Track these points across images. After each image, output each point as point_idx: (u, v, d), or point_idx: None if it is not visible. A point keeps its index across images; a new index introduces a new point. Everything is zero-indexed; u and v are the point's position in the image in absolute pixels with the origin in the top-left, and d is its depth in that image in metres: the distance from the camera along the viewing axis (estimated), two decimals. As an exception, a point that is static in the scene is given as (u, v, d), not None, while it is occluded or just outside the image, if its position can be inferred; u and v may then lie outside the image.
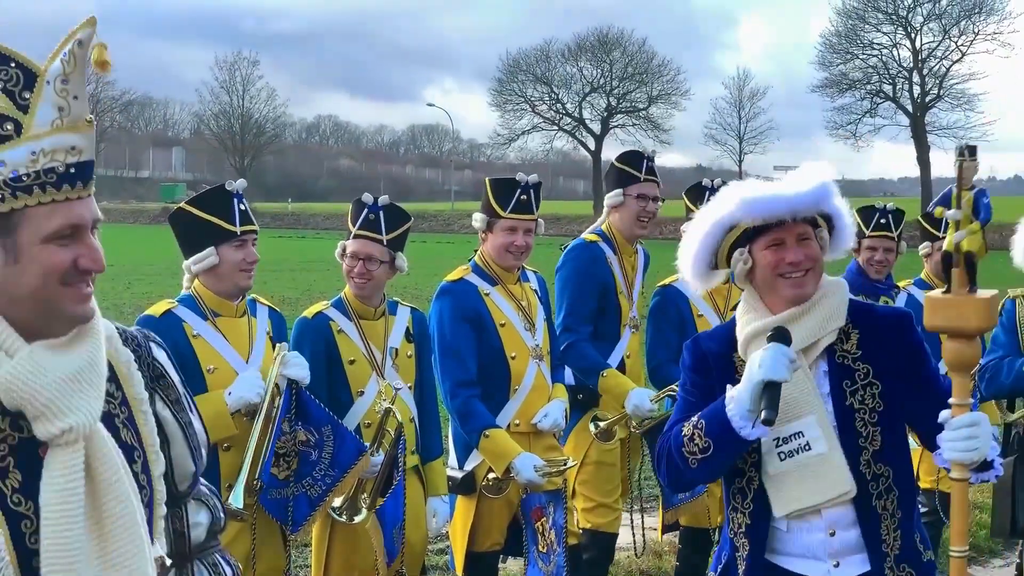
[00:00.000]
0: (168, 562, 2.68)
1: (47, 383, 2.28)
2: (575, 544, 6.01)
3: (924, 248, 7.75)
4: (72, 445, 2.30)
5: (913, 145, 77.38)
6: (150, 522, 2.50)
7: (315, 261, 39.91)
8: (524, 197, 5.83)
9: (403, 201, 5.52)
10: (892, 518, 3.73)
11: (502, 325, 5.80)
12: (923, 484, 7.50)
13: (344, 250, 5.47)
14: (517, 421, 5.79)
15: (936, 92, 77.67)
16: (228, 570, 3.10)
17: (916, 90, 77.94)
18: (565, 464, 5.83)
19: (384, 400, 5.32)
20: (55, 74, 2.28)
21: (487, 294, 5.81)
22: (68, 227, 2.30)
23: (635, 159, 6.79)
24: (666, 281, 6.69)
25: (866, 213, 7.61)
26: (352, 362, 5.38)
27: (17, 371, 2.26)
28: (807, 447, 3.67)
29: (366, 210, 5.42)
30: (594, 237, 6.67)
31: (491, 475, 5.67)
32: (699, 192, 6.79)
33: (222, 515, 3.13)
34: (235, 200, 4.97)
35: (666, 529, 6.84)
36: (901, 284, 7.72)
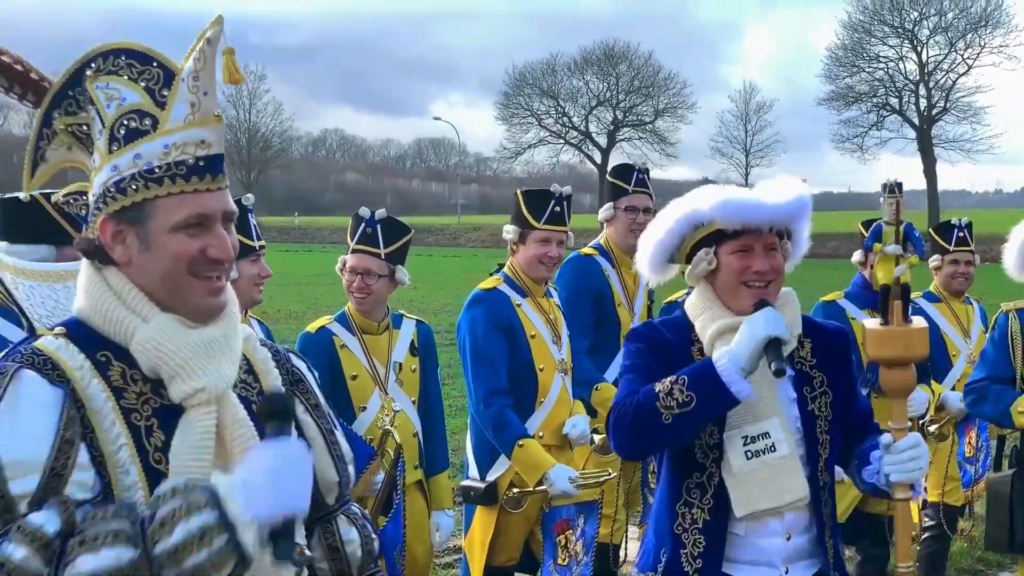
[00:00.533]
0: (307, 552, 2.71)
1: (180, 346, 2.44)
2: None
3: (934, 261, 7.77)
4: (204, 406, 2.45)
5: (919, 158, 77.37)
6: None
7: (321, 275, 39.88)
8: (557, 208, 5.84)
9: (409, 215, 5.56)
10: (830, 526, 3.83)
11: (532, 337, 5.80)
12: (930, 498, 7.50)
13: (344, 264, 5.47)
14: (541, 433, 5.77)
15: (942, 105, 77.73)
16: None
17: (922, 103, 77.99)
18: (603, 475, 5.81)
19: (386, 416, 5.33)
20: (188, 72, 2.46)
21: (519, 305, 5.82)
22: (196, 217, 2.44)
23: (625, 172, 6.87)
24: (672, 297, 6.71)
25: (943, 230, 7.75)
26: (355, 377, 5.36)
27: (153, 333, 2.43)
28: (773, 448, 3.68)
29: (363, 224, 5.41)
30: (590, 251, 6.76)
31: (513, 490, 5.64)
32: None
33: (374, 537, 3.02)
34: (250, 214, 4.97)
35: None
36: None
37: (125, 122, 2.44)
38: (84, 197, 2.56)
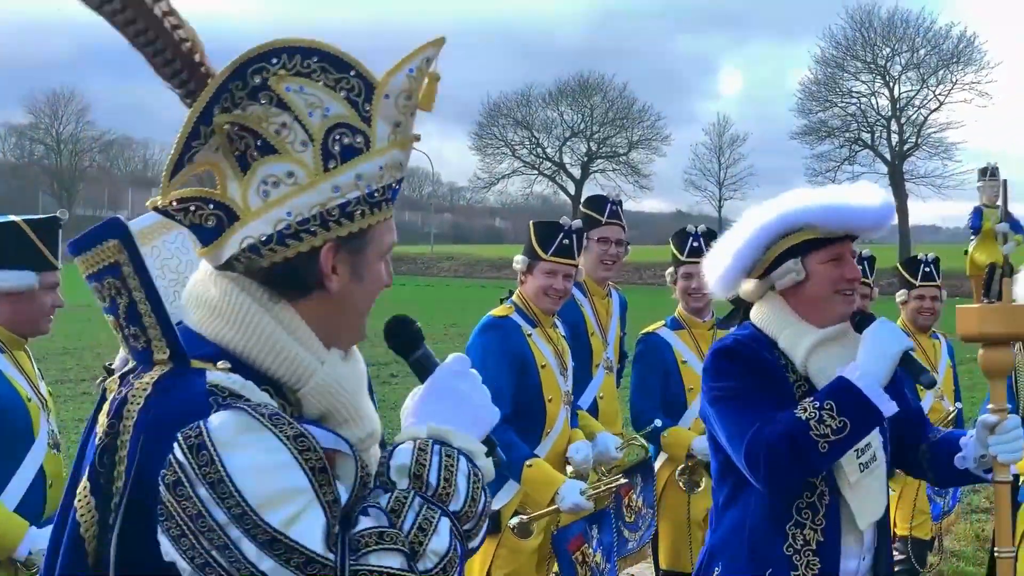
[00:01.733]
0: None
1: (351, 389, 2.30)
2: None
3: (900, 296, 7.87)
4: (368, 452, 2.32)
5: (891, 192, 77.77)
6: None
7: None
8: (566, 241, 5.83)
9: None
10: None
11: (543, 367, 5.80)
12: (899, 531, 7.53)
13: None
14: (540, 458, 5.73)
15: (914, 140, 78.17)
16: None
17: (894, 138, 78.44)
18: (613, 483, 5.80)
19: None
20: (397, 89, 2.26)
21: (529, 335, 5.82)
22: (393, 244, 2.34)
23: (599, 203, 6.89)
24: (649, 328, 6.75)
25: (911, 265, 7.82)
26: None
27: (332, 377, 2.25)
28: (874, 458, 3.67)
29: None
30: None
31: (514, 520, 5.58)
32: (683, 238, 6.80)
33: None
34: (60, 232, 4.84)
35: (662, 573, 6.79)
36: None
37: (338, 137, 2.22)
38: (210, 207, 2.23)
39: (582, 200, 7.13)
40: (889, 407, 3.44)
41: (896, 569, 7.64)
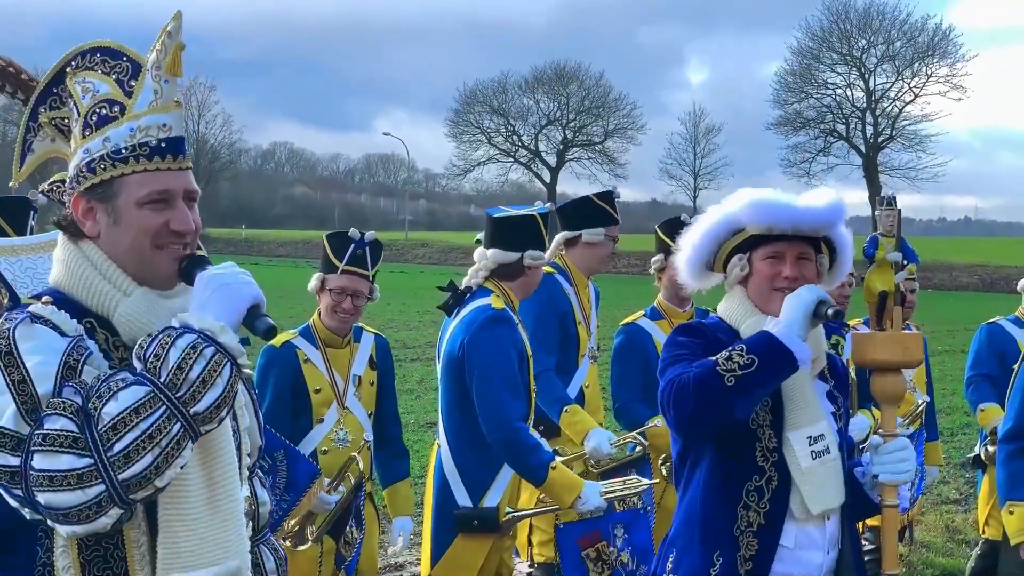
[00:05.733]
0: (252, 505, 3.03)
1: (159, 318, 2.67)
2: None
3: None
4: None
5: (865, 184, 78.07)
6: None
7: (269, 288, 39.68)
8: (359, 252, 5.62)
9: (357, 230, 5.52)
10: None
11: (529, 358, 5.74)
12: (869, 521, 7.55)
13: (322, 284, 5.47)
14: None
15: (889, 133, 78.52)
16: (282, 553, 3.27)
17: (869, 130, 78.75)
18: (637, 485, 5.72)
19: (341, 429, 5.42)
20: (152, 63, 2.73)
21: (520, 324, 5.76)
22: (159, 193, 2.70)
23: (612, 200, 6.83)
24: (629, 319, 6.75)
25: None
26: (318, 391, 5.42)
27: (134, 307, 2.70)
28: (827, 450, 3.73)
29: (353, 245, 5.42)
30: (550, 269, 6.60)
31: (511, 514, 5.55)
32: (677, 226, 6.72)
33: (273, 501, 3.35)
34: (33, 214, 4.83)
35: None
36: (851, 323, 7.80)
37: (97, 110, 2.72)
38: (63, 185, 2.86)
39: (594, 193, 6.94)
40: (802, 349, 3.51)
41: (868, 559, 7.69)
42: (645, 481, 5.76)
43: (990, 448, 7.15)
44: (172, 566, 2.58)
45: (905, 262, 3.85)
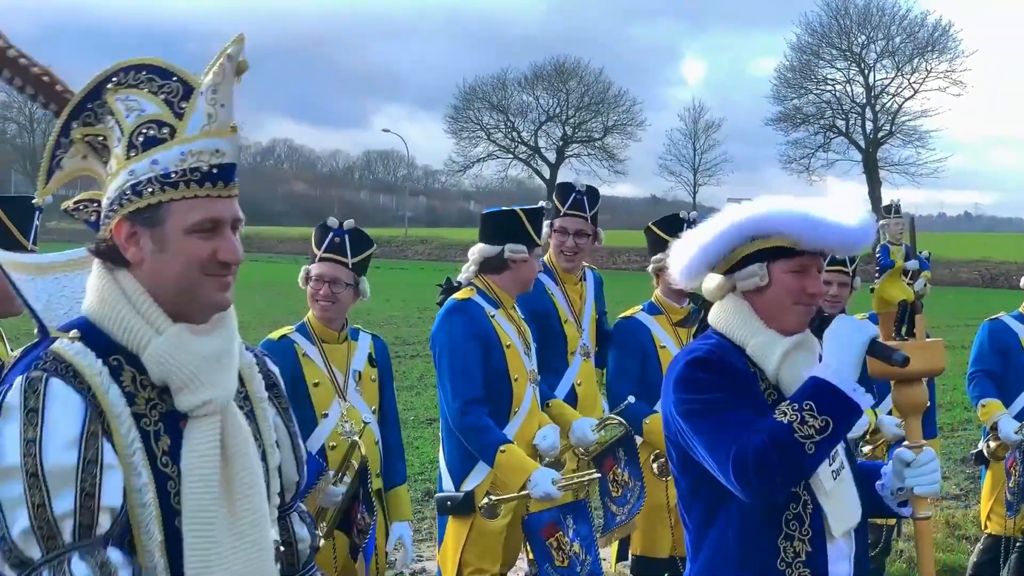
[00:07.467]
0: (281, 548, 2.97)
1: (190, 359, 2.59)
2: None
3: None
4: (210, 417, 2.62)
5: (865, 180, 78.03)
6: None
7: (269, 285, 39.71)
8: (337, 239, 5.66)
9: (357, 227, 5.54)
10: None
11: (508, 347, 5.81)
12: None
13: (308, 274, 5.51)
14: (514, 443, 5.71)
15: (888, 128, 78.49)
16: None
17: (869, 126, 78.72)
18: (586, 476, 5.85)
19: (347, 423, 5.41)
20: (208, 85, 2.61)
21: (492, 315, 5.83)
22: (208, 221, 2.60)
23: (563, 192, 6.80)
24: (627, 313, 6.72)
25: None
26: (316, 384, 5.43)
27: (166, 346, 2.59)
28: (843, 465, 3.61)
29: (331, 234, 5.47)
30: None
31: (486, 499, 5.60)
32: (675, 224, 6.70)
33: (318, 535, 3.31)
34: (37, 215, 4.86)
35: (620, 558, 6.79)
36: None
37: (144, 131, 2.58)
38: (95, 204, 2.73)
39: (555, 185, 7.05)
40: (866, 400, 3.38)
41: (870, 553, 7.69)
42: (595, 473, 5.98)
43: (992, 444, 7.14)
44: None
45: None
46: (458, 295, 5.87)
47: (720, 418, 3.45)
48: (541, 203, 6.18)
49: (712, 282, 3.71)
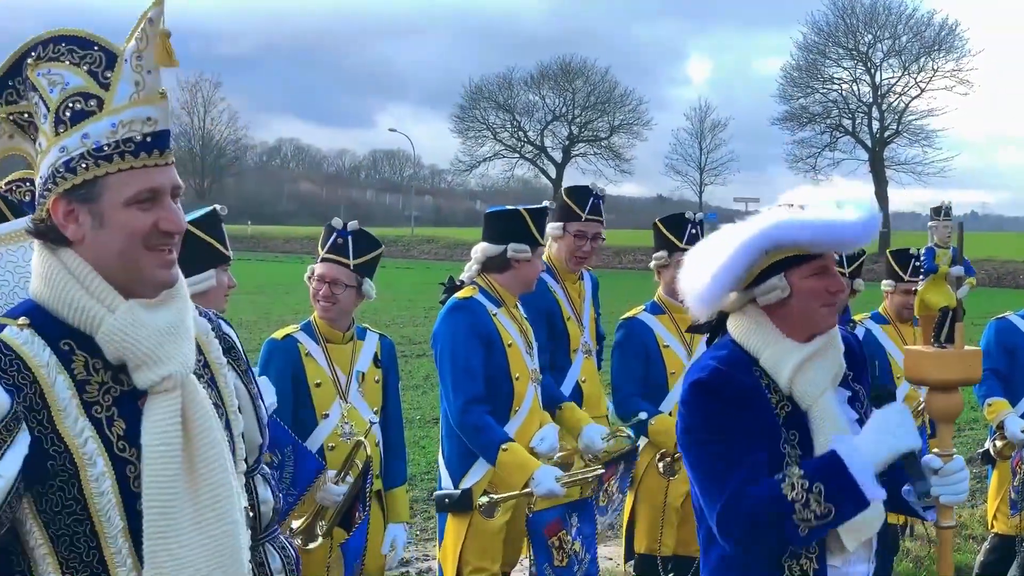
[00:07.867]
0: (250, 512, 2.93)
1: (146, 335, 2.53)
2: None
3: (887, 285, 7.86)
4: (170, 392, 2.56)
5: (871, 179, 77.89)
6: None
7: (275, 284, 39.74)
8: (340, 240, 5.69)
9: (362, 226, 5.55)
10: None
11: (509, 346, 5.82)
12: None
13: (312, 272, 5.52)
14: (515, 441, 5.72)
15: (895, 127, 78.30)
16: (293, 553, 3.21)
17: (875, 125, 78.54)
18: (590, 472, 5.83)
19: (347, 424, 5.40)
20: (131, 52, 2.53)
21: (494, 314, 5.83)
22: (147, 191, 2.54)
23: (582, 195, 6.80)
24: (630, 314, 6.73)
25: (900, 257, 7.84)
26: (318, 385, 5.43)
27: (119, 324, 2.52)
28: None
29: (335, 234, 5.48)
30: None
31: (483, 498, 5.60)
32: (680, 224, 6.74)
33: (281, 497, 3.27)
34: (221, 224, 4.95)
35: (628, 558, 6.79)
36: (857, 318, 7.80)
37: (70, 104, 2.52)
38: (27, 184, 2.74)
39: (565, 189, 7.03)
40: (877, 493, 3.35)
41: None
42: (600, 468, 5.90)
43: (998, 443, 7.14)
44: None
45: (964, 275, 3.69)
46: (460, 294, 5.88)
47: (717, 459, 3.42)
48: (545, 203, 6.19)
49: (730, 298, 3.63)
